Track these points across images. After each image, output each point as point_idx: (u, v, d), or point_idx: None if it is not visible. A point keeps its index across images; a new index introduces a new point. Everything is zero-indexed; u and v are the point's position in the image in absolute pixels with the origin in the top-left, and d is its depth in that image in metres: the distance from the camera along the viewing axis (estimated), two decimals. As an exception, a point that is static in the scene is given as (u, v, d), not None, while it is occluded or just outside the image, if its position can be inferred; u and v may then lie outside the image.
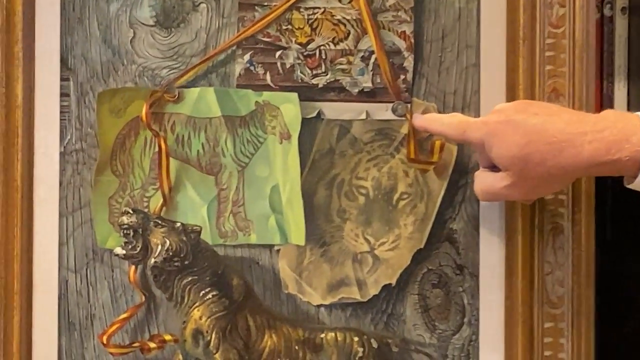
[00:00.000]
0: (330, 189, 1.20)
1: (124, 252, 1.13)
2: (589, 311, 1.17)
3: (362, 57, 1.20)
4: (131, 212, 1.13)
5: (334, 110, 1.20)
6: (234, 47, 1.20)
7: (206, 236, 1.18)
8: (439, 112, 1.20)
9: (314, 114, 1.20)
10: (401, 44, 1.20)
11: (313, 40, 1.19)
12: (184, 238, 1.12)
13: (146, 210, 1.18)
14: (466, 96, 1.20)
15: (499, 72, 1.19)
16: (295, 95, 1.18)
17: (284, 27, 1.19)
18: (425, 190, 1.20)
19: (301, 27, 1.18)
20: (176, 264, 1.12)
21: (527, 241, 1.18)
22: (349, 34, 1.19)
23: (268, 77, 1.20)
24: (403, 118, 1.20)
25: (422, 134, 1.20)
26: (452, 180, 1.20)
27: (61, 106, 1.19)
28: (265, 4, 1.19)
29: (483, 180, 1.10)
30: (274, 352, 1.17)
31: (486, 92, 1.20)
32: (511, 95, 1.18)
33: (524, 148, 1.04)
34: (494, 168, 1.10)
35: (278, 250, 1.21)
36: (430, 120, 1.14)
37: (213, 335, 1.13)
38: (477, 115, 1.20)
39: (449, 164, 1.21)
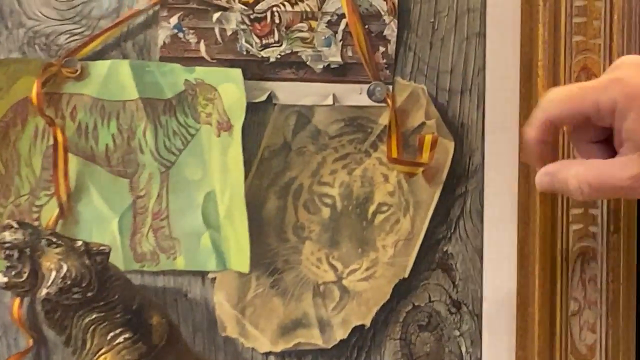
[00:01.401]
0: (285, 197, 1.10)
1: (5, 279, 1.02)
2: (630, 364, 1.08)
3: (329, 22, 1.09)
4: (15, 226, 1.02)
5: (290, 92, 1.10)
6: (156, 7, 1.09)
7: (117, 259, 1.09)
8: (430, 96, 1.10)
9: (264, 98, 1.10)
10: (381, 5, 1.09)
11: (263, -2, 1.11)
12: (87, 262, 1.02)
13: (36, 224, 1.09)
14: (467, 76, 1.10)
15: (510, 43, 1.09)
16: (238, 72, 1.08)
17: (224, -20, 1.10)
18: (411, 201, 1.10)
19: (247, -20, 1.10)
20: (76, 296, 1.01)
21: (547, 270, 1.07)
22: (311, -10, 1.11)
23: (202, 47, 1.09)
24: (382, 104, 1.09)
25: (407, 125, 1.09)
26: (447, 188, 1.10)
27: None
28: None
29: (595, 168, 0.92)
30: (208, 415, 1.12)
31: (494, 71, 1.10)
32: (527, 74, 1.07)
33: None
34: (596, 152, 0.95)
35: (214, 279, 1.11)
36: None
37: (125, 394, 1.06)
38: (481, 101, 1.10)
39: (443, 166, 1.10)
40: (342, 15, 1.07)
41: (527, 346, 1.07)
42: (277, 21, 1.07)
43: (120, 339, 1.02)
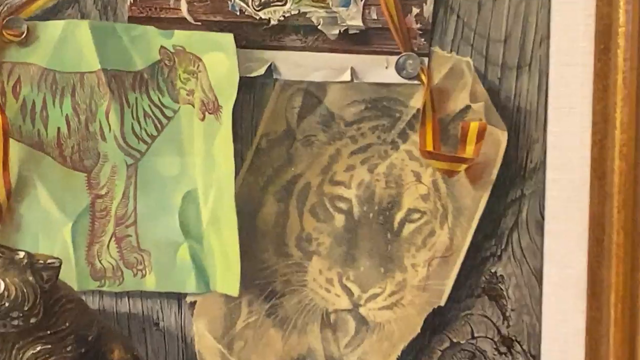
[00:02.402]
0: (287, 200, 1.03)
1: None
2: None
3: (347, -26, 1.05)
4: (-59, 232, 1.02)
5: (295, 65, 1.02)
6: (124, -48, 1.07)
7: (69, 276, 1.01)
8: (477, 73, 1.01)
9: (262, 71, 1.01)
10: (415, -48, 1.06)
11: (263, -60, 1.08)
12: (31, 278, 0.94)
13: (-33, 229, 1.08)
14: (526, 46, 1.00)
15: (582, 3, 0.99)
16: (229, 37, 0.99)
17: None
18: (449, 207, 1.02)
19: None
20: (16, 322, 0.93)
21: (626, 302, 0.99)
22: None
23: (183, 5, 1.00)
24: (415, 81, 1.00)
25: (446, 109, 1.01)
26: (498, 191, 1.02)
27: None
28: None
29: None
30: None
31: (561, 40, 0.99)
32: (603, 44, 0.98)
33: None
34: None
35: (193, 304, 1.04)
36: None
37: None
38: (544, 79, 1.00)
39: (493, 163, 1.00)
40: (365, -34, 1.02)
41: (600, 397, 1.04)
42: (280, -28, 0.97)
43: (72, 380, 1.01)
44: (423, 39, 1.00)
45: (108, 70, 0.99)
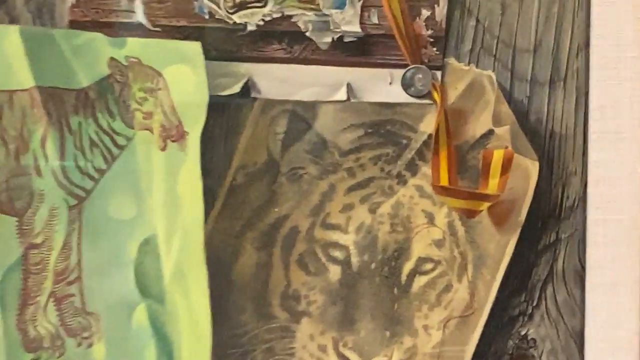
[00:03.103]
0: (269, 248, 0.90)
1: None
2: None
3: (342, -32, 0.93)
4: None
5: (278, 81, 0.90)
6: (64, -59, 0.93)
7: None
8: (502, 89, 0.89)
9: (237, 89, 0.88)
10: (426, -57, 0.96)
11: None
12: None
13: None
14: (560, 57, 0.88)
15: (630, 5, 0.87)
16: (196, 47, 0.88)
17: None
18: (470, 256, 0.89)
19: None
20: None
21: None
22: None
23: (138, 6, 0.89)
24: (426, 100, 0.88)
25: (464, 133, 0.90)
26: (528, 235, 0.90)
27: None
28: None
29: None
30: None
31: (602, 49, 0.87)
32: None
33: None
34: None
35: None
36: None
37: None
38: (582, 97, 0.89)
39: (522, 200, 0.88)
40: (364, -41, 0.89)
41: None
42: (258, -33, 0.86)
43: None
44: (435, 49, 0.87)
45: (44, 88, 0.87)
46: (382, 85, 0.87)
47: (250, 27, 0.87)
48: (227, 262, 0.90)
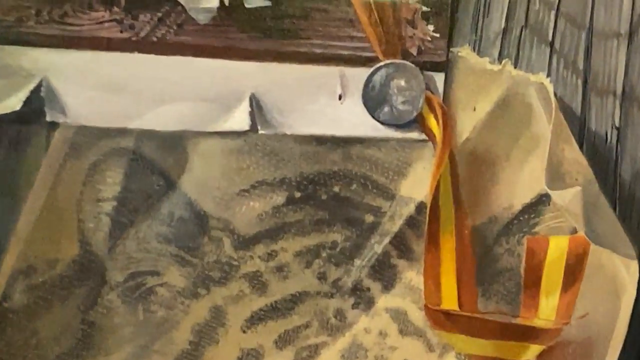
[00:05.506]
0: None
1: None
2: None
3: None
4: None
5: (108, 89, 0.50)
6: None
7: None
8: (570, 110, 0.52)
9: (16, 103, 0.48)
10: None
11: None
12: None
13: None
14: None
15: None
16: None
17: None
18: None
19: None
20: None
21: None
22: None
23: None
24: (413, 134, 0.50)
25: (490, 201, 0.51)
26: None
27: None
28: None
29: None
30: None
31: None
32: None
33: None
34: None
35: None
36: None
37: None
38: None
39: (608, 340, 0.51)
40: None
41: None
42: None
43: None
44: (432, 28, 0.49)
45: None
46: (324, 101, 0.49)
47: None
48: None
